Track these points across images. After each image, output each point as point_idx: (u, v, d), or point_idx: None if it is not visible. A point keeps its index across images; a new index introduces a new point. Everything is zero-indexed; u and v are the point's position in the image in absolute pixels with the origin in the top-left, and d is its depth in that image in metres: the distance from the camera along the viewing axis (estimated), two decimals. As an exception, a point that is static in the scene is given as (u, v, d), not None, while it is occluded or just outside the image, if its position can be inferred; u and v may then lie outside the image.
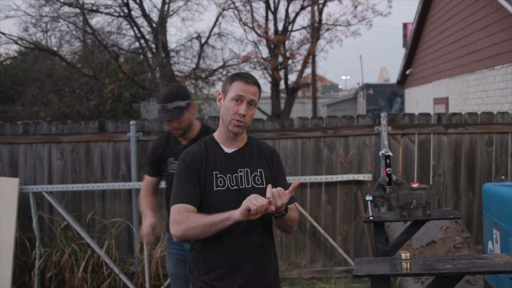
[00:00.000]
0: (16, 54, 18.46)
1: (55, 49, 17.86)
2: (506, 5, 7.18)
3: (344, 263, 5.61)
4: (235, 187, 2.39)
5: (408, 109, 14.54)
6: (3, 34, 16.67)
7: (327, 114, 24.14)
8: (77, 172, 5.75)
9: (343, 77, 63.40)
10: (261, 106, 18.51)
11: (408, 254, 2.37)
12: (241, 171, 2.42)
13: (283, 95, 18.42)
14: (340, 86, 35.54)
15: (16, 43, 16.90)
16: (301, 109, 24.10)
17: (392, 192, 3.39)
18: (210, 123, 5.60)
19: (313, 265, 5.70)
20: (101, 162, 5.74)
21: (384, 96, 20.02)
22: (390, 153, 3.42)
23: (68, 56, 19.19)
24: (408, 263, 2.34)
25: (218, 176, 2.39)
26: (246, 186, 2.41)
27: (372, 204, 3.40)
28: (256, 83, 2.43)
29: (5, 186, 5.42)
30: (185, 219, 2.27)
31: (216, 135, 2.52)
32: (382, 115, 5.48)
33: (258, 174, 2.45)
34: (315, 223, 5.58)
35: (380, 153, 3.49)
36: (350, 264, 5.54)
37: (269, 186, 2.20)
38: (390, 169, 3.38)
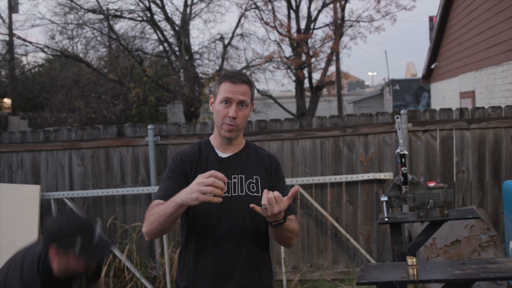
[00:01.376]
0: (43, 62, 18.79)
1: (81, 55, 18.13)
2: (530, -6, 6.95)
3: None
4: (226, 194, 2.21)
5: (434, 104, 14.27)
6: (30, 42, 16.99)
7: (353, 111, 23.90)
8: (98, 178, 5.80)
9: (370, 74, 62.78)
10: (286, 106, 18.42)
11: (414, 260, 2.27)
12: (234, 178, 2.29)
13: (307, 93, 18.28)
14: (366, 83, 35.17)
15: (43, 51, 17.20)
16: (327, 107, 23.91)
17: (408, 192, 3.29)
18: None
19: (335, 266, 5.61)
20: (120, 167, 5.77)
21: (411, 92, 19.71)
22: (405, 152, 3.32)
23: (94, 62, 19.46)
24: (415, 269, 2.24)
25: None
26: (240, 194, 2.28)
27: (387, 205, 3.31)
28: (245, 81, 2.29)
29: (27, 193, 5.49)
30: (148, 214, 2.18)
31: (211, 138, 2.41)
32: (402, 111, 5.36)
33: (254, 182, 2.32)
34: (336, 224, 5.49)
35: (396, 151, 3.40)
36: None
37: (265, 191, 2.05)
38: (406, 168, 3.28)
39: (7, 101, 20.55)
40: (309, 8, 17.49)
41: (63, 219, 2.49)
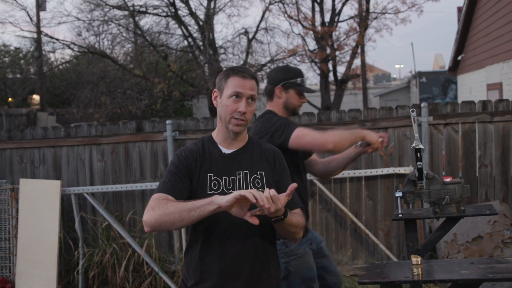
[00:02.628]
0: (70, 58, 19.08)
1: (107, 51, 18.34)
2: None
3: (387, 260, 5.42)
4: (231, 190, 2.20)
5: (461, 97, 13.98)
6: (57, 40, 17.29)
7: (380, 104, 23.61)
8: (117, 173, 5.84)
9: (397, 66, 61.82)
10: (310, 99, 18.29)
11: (419, 259, 2.21)
12: (239, 174, 2.26)
13: (332, 87, 18.14)
14: (393, 75, 34.69)
15: (69, 47, 17.46)
16: (353, 101, 23.70)
17: (423, 188, 3.21)
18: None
19: (354, 262, 5.55)
20: (139, 162, 5.80)
21: (438, 84, 19.36)
22: (421, 146, 3.23)
23: (121, 57, 19.67)
24: (420, 269, 2.17)
25: (213, 178, 2.24)
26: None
27: (402, 201, 3.24)
28: (253, 76, 2.27)
29: (48, 188, 5.56)
30: (162, 204, 2.10)
31: (214, 134, 2.36)
32: (422, 104, 5.25)
33: (259, 177, 2.28)
34: (355, 219, 5.43)
35: (411, 146, 3.32)
36: (393, 261, 5.35)
37: (266, 190, 2.00)
38: (421, 163, 3.19)
39: (35, 97, 20.94)
40: (333, 0, 17.33)
41: None
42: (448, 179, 3.22)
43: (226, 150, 2.30)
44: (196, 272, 2.26)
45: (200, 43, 17.06)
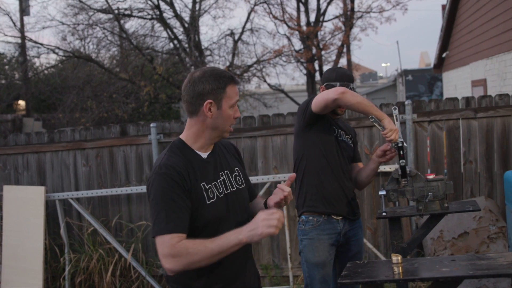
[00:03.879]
0: (55, 63, 18.94)
1: (93, 55, 18.23)
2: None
3: (375, 259, 5.43)
4: (222, 193, 2.19)
5: (446, 94, 14.07)
6: (42, 44, 17.14)
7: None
8: (102, 177, 5.79)
9: (383, 65, 62.05)
10: (297, 99, 18.32)
11: (399, 258, 2.20)
12: (222, 175, 2.23)
13: (319, 86, 18.17)
14: (380, 74, 34.83)
15: (54, 52, 17.32)
16: (340, 100, 23.68)
17: (407, 185, 3.21)
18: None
19: (342, 261, 5.54)
20: (125, 166, 5.76)
21: (424, 82, 19.46)
22: (404, 144, 3.23)
23: (106, 61, 19.56)
24: (400, 267, 2.17)
25: (207, 187, 2.16)
26: (231, 190, 2.23)
27: (386, 199, 3.24)
28: None
29: (32, 195, 5.51)
30: (183, 251, 1.98)
31: (188, 140, 2.22)
32: (406, 102, 5.27)
33: (237, 174, 2.30)
34: (342, 218, 5.42)
35: (394, 144, 3.31)
36: (380, 259, 5.36)
37: (291, 176, 2.16)
38: (404, 160, 3.19)
39: (21, 103, 20.75)
40: (318, 0, 17.36)
41: None
42: (431, 176, 3.23)
43: (203, 155, 2.23)
44: (199, 280, 2.17)
45: (186, 45, 17.03)
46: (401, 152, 3.21)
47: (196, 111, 2.17)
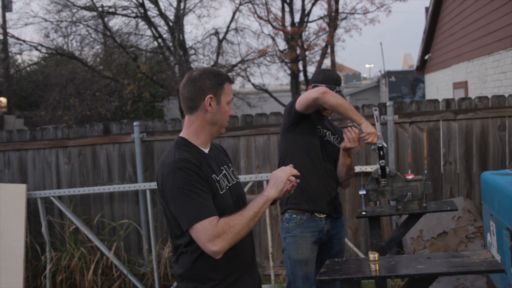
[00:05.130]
0: (38, 60, 18.76)
1: (76, 53, 18.10)
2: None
3: (355, 257, 5.49)
4: (227, 186, 2.31)
5: (428, 95, 14.22)
6: (24, 41, 16.97)
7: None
8: (85, 176, 5.78)
9: (367, 66, 62.40)
10: (281, 99, 18.38)
11: (376, 255, 2.25)
12: (222, 169, 2.34)
13: (303, 87, 18.24)
14: (364, 75, 35.01)
15: (37, 49, 17.16)
16: (324, 100, 23.76)
17: (386, 185, 3.27)
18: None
19: (324, 260, 5.59)
20: (107, 165, 5.75)
21: (407, 83, 19.63)
22: (384, 144, 3.29)
23: (90, 59, 19.43)
24: (377, 265, 2.22)
25: (217, 178, 2.27)
26: (233, 183, 2.36)
27: (366, 199, 3.29)
28: None
29: (13, 193, 5.47)
30: (225, 227, 2.08)
31: (190, 137, 2.31)
32: (388, 103, 5.33)
33: (233, 169, 2.44)
34: (324, 217, 5.47)
35: (374, 145, 3.36)
36: (353, 257, 5.42)
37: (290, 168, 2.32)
38: (384, 161, 3.25)
39: (2, 100, 20.52)
40: (303, 1, 17.43)
41: None
42: (410, 177, 3.29)
43: (206, 151, 2.34)
44: (216, 272, 2.22)
45: (170, 44, 16.98)
46: (381, 153, 3.26)
47: (197, 106, 2.27)
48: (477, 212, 5.15)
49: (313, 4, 17.45)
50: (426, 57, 13.69)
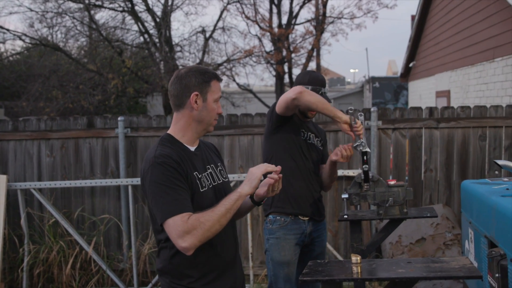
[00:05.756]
0: (21, 50, 18.54)
1: (60, 44, 17.92)
2: (504, -4, 7.03)
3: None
4: (211, 185, 2.31)
5: (411, 103, 14.39)
6: (8, 30, 16.77)
7: (334, 107, 23.84)
8: (66, 169, 5.74)
9: (351, 71, 62.78)
10: (265, 100, 18.43)
11: (358, 258, 2.29)
12: (208, 168, 2.35)
13: (287, 88, 18.31)
14: (348, 80, 35.28)
15: (20, 39, 16.97)
16: (307, 103, 23.88)
17: (369, 190, 3.31)
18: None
19: (303, 262, 5.63)
20: (90, 159, 5.72)
21: (390, 89, 19.84)
22: (367, 149, 3.33)
23: (74, 51, 19.25)
24: (359, 267, 2.26)
25: (199, 176, 2.27)
26: (218, 182, 2.36)
27: (348, 202, 3.33)
28: None
29: (-7, 183, 5.41)
30: (196, 223, 2.07)
31: (176, 134, 2.33)
32: (372, 109, 5.39)
33: (221, 168, 2.43)
34: (304, 220, 5.51)
35: (358, 149, 3.41)
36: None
37: (278, 168, 2.29)
38: (367, 165, 3.29)
39: (-17, 89, 20.23)
40: (291, 3, 17.51)
41: None
42: (392, 182, 3.33)
43: (191, 148, 2.34)
44: (193, 270, 2.23)
45: (157, 40, 16.92)
46: (365, 158, 3.30)
47: (183, 104, 2.28)
48: (455, 219, 5.24)
49: (301, 7, 17.55)
50: (411, 64, 13.84)
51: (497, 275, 2.47)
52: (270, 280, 3.35)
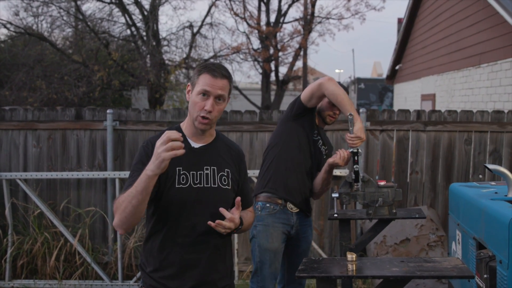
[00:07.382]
0: (5, 38, 18.29)
1: (46, 34, 17.71)
2: (492, 2, 7.14)
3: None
4: (198, 185, 2.23)
5: (397, 105, 14.52)
6: (-8, 17, 16.51)
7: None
8: (53, 160, 5.69)
9: (337, 71, 63.12)
10: (251, 98, 18.44)
11: (354, 256, 2.33)
12: (207, 169, 2.27)
13: (273, 87, 18.36)
14: (333, 80, 35.33)
15: (5, 27, 16.74)
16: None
17: (359, 190, 3.35)
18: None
19: (288, 260, 5.66)
20: (77, 151, 5.68)
21: (375, 91, 20.00)
22: (359, 150, 3.37)
23: (59, 42, 19.04)
24: (354, 265, 2.30)
25: (181, 172, 2.22)
26: (212, 186, 2.26)
27: (338, 202, 3.37)
28: (225, 76, 2.25)
29: (-22, 172, 5.35)
30: (118, 204, 2.10)
31: (183, 126, 2.33)
32: (361, 110, 5.44)
33: (225, 174, 2.31)
34: (291, 218, 5.54)
35: (349, 149, 3.45)
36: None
37: (237, 200, 2.19)
38: (358, 166, 3.33)
39: (-35, 76, 19.91)
40: (279, 1, 17.54)
41: None
42: (382, 183, 3.38)
43: (195, 144, 2.29)
44: (156, 260, 2.26)
45: (144, 33, 16.82)
46: (356, 158, 3.34)
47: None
48: (439, 221, 5.32)
49: (290, 6, 17.58)
50: (397, 67, 13.97)
51: (485, 275, 2.53)
52: (255, 266, 3.39)
